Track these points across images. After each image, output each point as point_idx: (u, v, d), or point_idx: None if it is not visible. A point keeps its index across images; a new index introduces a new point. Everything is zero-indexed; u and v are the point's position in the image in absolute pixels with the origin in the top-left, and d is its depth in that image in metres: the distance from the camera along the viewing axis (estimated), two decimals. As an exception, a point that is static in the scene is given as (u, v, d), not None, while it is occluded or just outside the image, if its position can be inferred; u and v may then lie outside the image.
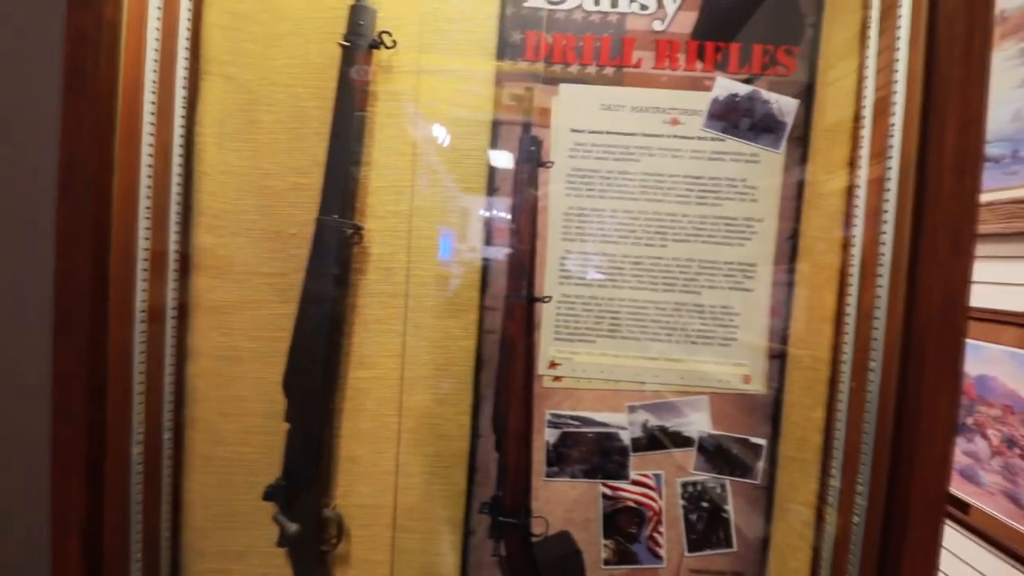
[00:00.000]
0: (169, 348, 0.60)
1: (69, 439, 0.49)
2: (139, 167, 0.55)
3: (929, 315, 0.46)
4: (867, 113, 0.56)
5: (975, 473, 1.22)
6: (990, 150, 1.28)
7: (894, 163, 0.52)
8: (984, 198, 1.30)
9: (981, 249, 1.33)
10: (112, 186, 0.52)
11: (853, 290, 0.56)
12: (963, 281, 0.46)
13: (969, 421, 1.30)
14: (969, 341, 1.35)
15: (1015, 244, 1.20)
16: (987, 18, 0.45)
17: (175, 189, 0.59)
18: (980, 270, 1.30)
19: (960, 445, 1.28)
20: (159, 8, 0.55)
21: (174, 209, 0.59)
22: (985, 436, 1.22)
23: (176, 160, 0.59)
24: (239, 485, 0.62)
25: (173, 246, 0.59)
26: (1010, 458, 1.14)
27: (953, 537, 1.19)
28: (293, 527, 0.57)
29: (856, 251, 0.56)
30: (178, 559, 0.63)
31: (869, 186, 0.55)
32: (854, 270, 0.56)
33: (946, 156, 0.45)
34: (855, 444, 0.56)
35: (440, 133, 0.59)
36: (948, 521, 1.21)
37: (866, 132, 0.56)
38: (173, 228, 0.59)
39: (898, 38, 0.52)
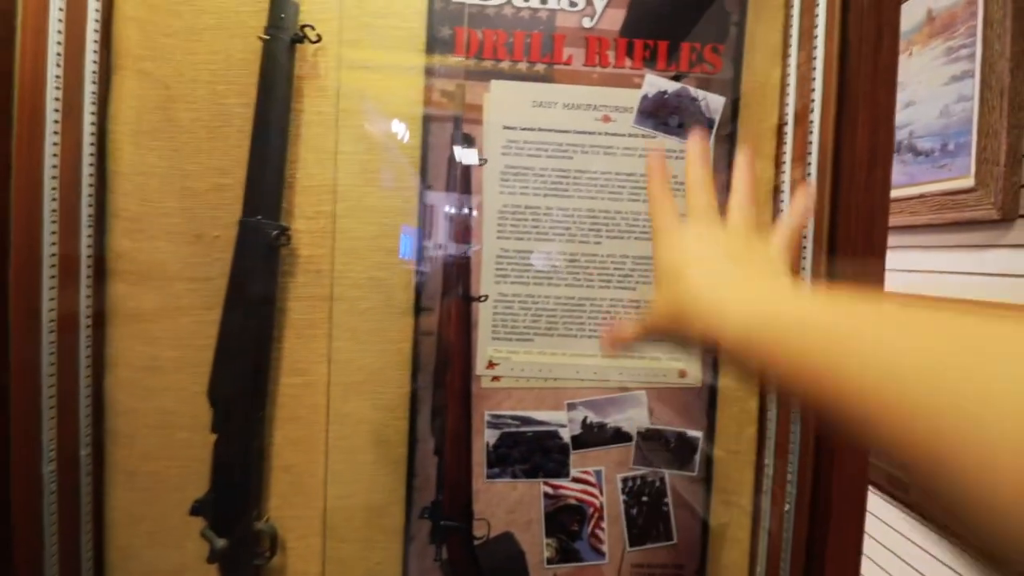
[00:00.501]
0: (84, 359, 0.56)
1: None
2: (42, 167, 0.51)
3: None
4: (790, 111, 0.57)
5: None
6: (921, 144, 1.35)
7: (813, 159, 0.53)
8: (915, 191, 1.36)
9: (913, 239, 1.39)
10: (9, 187, 0.48)
11: (781, 283, 0.57)
12: (878, 277, 0.47)
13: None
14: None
15: (945, 234, 1.26)
16: (894, 16, 0.47)
17: (86, 190, 0.56)
18: (912, 259, 1.36)
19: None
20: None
21: (85, 211, 0.56)
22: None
23: (87, 160, 0.56)
24: (167, 501, 0.60)
25: (85, 250, 0.56)
26: None
27: (893, 514, 1.24)
28: (221, 542, 0.55)
29: (783, 245, 0.57)
30: (102, 580, 0.60)
31: (792, 183, 0.56)
32: (781, 264, 0.57)
33: (858, 151, 0.47)
34: (785, 433, 0.57)
35: (369, 130, 0.58)
36: (889, 499, 1.26)
37: (789, 129, 0.57)
38: (85, 231, 0.56)
39: (815, 36, 0.53)
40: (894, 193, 1.41)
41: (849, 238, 0.47)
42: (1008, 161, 1.09)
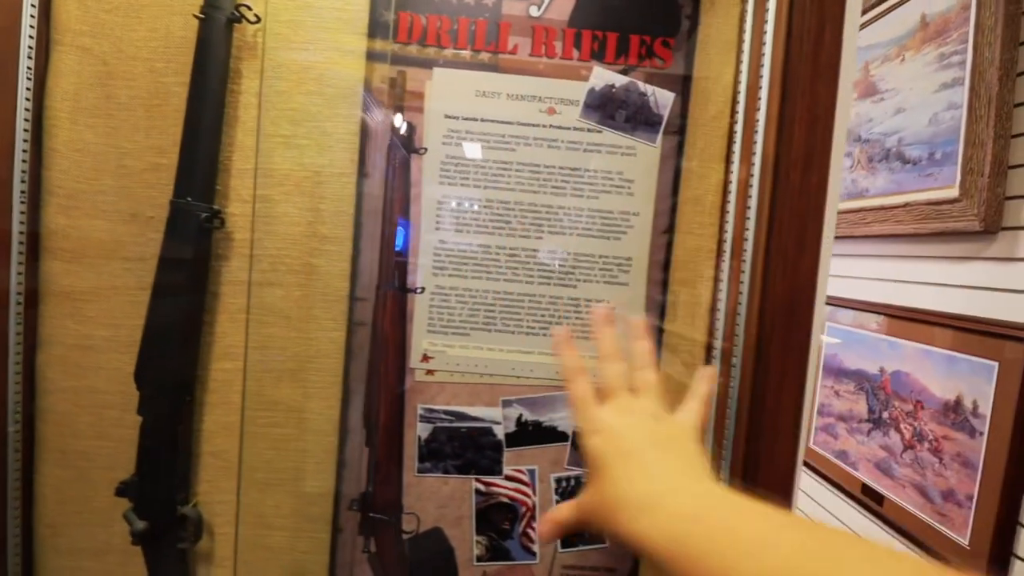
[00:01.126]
0: (14, 336, 0.56)
1: None
2: (-31, 141, 0.51)
3: (775, 309, 0.46)
4: (740, 108, 0.55)
5: (889, 466, 1.26)
6: (909, 152, 1.32)
7: (757, 159, 0.52)
8: (901, 199, 1.34)
9: (897, 248, 1.37)
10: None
11: (724, 285, 0.56)
12: (810, 279, 0.46)
13: (885, 416, 1.34)
14: (886, 338, 1.39)
15: (928, 244, 1.24)
16: (838, 11, 0.45)
17: (19, 166, 0.55)
18: (897, 269, 1.34)
19: (876, 439, 1.32)
20: (-5, -30, 0.51)
21: (18, 188, 0.55)
22: (899, 430, 1.26)
23: (20, 135, 0.55)
24: (97, 480, 0.59)
25: (18, 227, 0.55)
26: (920, 452, 1.18)
27: (869, 528, 1.23)
28: (141, 524, 0.54)
29: (728, 247, 0.56)
30: (30, 556, 0.59)
31: (739, 183, 0.55)
32: (725, 265, 0.56)
33: (794, 152, 0.45)
34: (720, 435, 0.56)
35: (308, 115, 0.57)
36: (864, 512, 1.25)
37: (739, 128, 0.55)
38: (18, 208, 0.55)
39: (765, 32, 0.52)
40: (881, 201, 1.39)
41: (782, 241, 0.46)
42: (992, 172, 1.07)
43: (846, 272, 1.52)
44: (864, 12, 1.48)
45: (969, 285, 1.13)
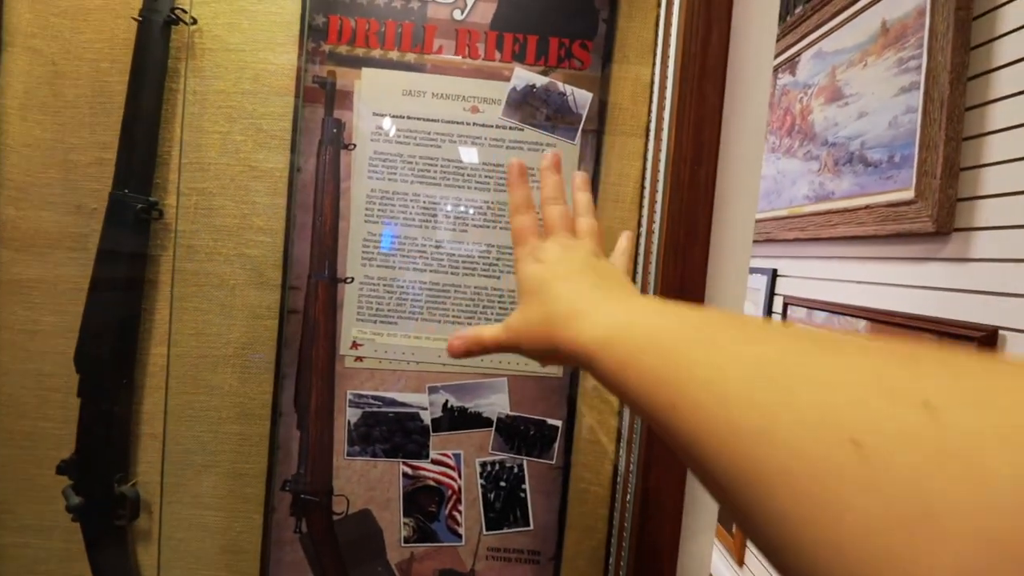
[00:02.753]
0: (-38, 321, 0.59)
1: None
2: (-84, 135, 0.54)
3: (667, 299, 0.48)
4: (654, 108, 0.58)
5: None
6: (870, 155, 1.34)
7: (663, 155, 0.54)
8: (862, 201, 1.36)
9: (857, 250, 1.39)
10: None
11: (639, 279, 0.59)
12: (700, 268, 0.48)
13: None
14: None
15: (886, 246, 1.26)
16: (725, 13, 0.47)
17: (-31, 160, 0.58)
18: (855, 270, 1.35)
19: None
20: (-56, -25, 0.55)
21: (-32, 180, 0.58)
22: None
23: (-29, 131, 0.58)
24: (41, 459, 0.62)
25: (-33, 218, 0.58)
26: None
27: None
28: (75, 500, 0.57)
29: (642, 242, 0.59)
30: (-23, 535, 0.62)
31: (651, 179, 0.57)
32: (640, 258, 0.59)
33: (683, 148, 0.48)
34: (632, 425, 0.58)
35: (244, 112, 0.60)
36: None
37: (652, 127, 0.58)
38: (-33, 199, 0.58)
39: (670, 35, 0.54)
40: (845, 203, 1.41)
41: (672, 231, 0.48)
42: (944, 174, 1.09)
43: (815, 274, 1.54)
44: (831, 18, 1.51)
45: (924, 285, 1.15)
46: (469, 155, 0.60)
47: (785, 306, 1.60)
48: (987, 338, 0.96)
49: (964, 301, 1.05)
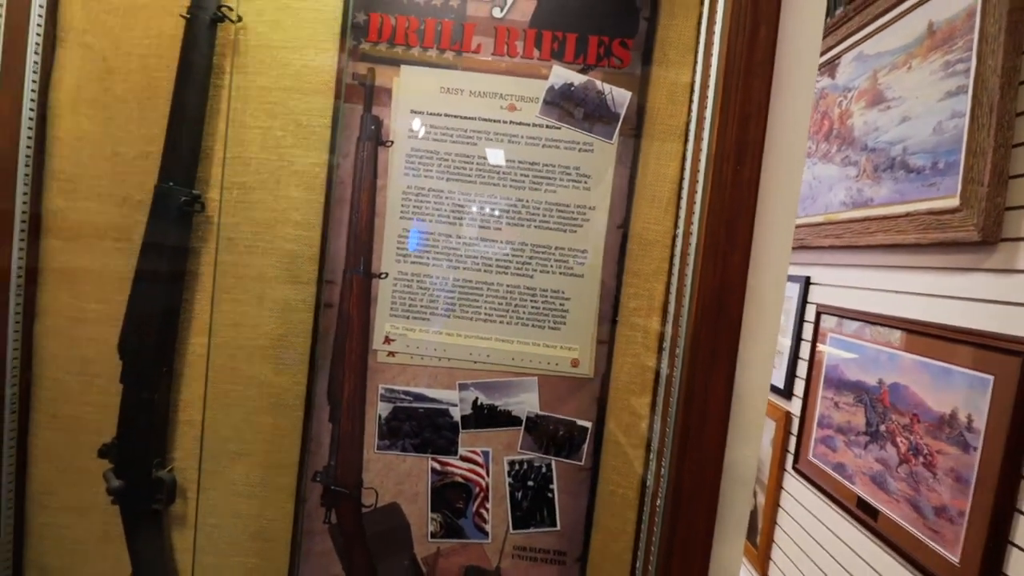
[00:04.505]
0: (13, 308, 0.61)
1: None
2: (-23, 127, 0.56)
3: (705, 303, 0.47)
4: (695, 108, 0.57)
5: (884, 480, 1.24)
6: (913, 161, 1.30)
7: (703, 155, 0.53)
8: (904, 209, 1.32)
9: (899, 259, 1.35)
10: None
11: (675, 280, 0.58)
12: (741, 273, 0.47)
13: (882, 428, 1.32)
14: (886, 350, 1.36)
15: (929, 255, 1.22)
16: (774, 10, 0.46)
17: (23, 152, 0.60)
18: (898, 279, 1.32)
19: (873, 452, 1.30)
20: (8, -27, 0.57)
21: (22, 172, 0.60)
22: (895, 444, 1.24)
23: (26, 124, 0.60)
24: (84, 443, 0.64)
25: (20, 207, 0.61)
26: (915, 466, 1.16)
27: (863, 543, 1.20)
28: (116, 483, 0.59)
29: (679, 242, 0.58)
30: (22, 511, 0.64)
31: (690, 179, 0.56)
32: (676, 260, 0.58)
33: (727, 146, 0.47)
34: (664, 429, 0.57)
35: (284, 108, 0.61)
36: (858, 526, 1.23)
37: (692, 127, 0.57)
38: (21, 191, 0.61)
39: (714, 34, 0.53)
40: (884, 210, 1.37)
41: (713, 233, 0.47)
42: (992, 181, 1.04)
43: (850, 282, 1.49)
44: (873, 20, 1.46)
45: (967, 297, 1.11)
46: (506, 153, 0.60)
47: (818, 315, 1.56)
48: (1034, 352, 0.92)
49: (1008, 313, 1.01)
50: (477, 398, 0.62)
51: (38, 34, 0.60)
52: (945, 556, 1.02)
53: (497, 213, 0.61)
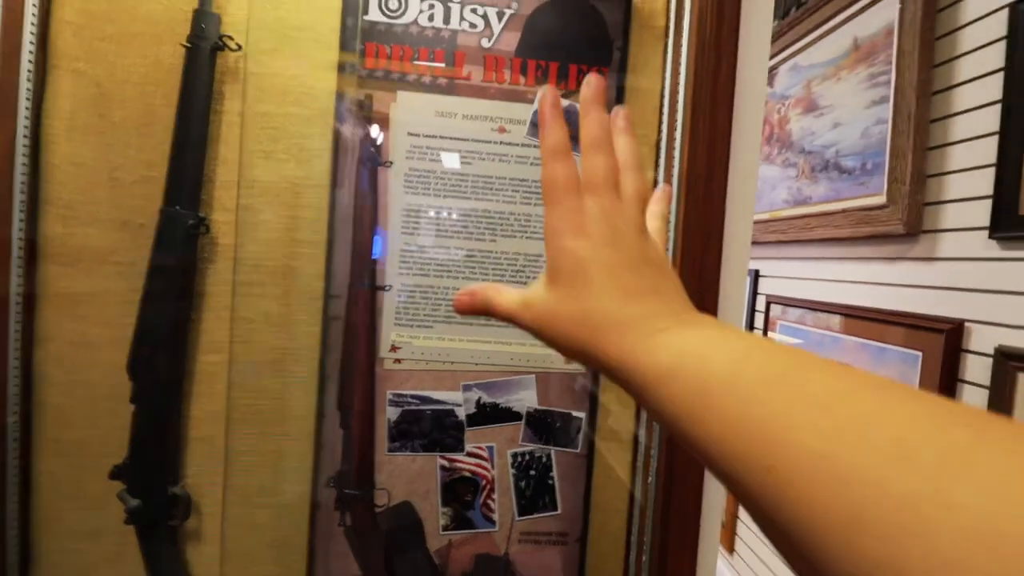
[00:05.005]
0: (13, 335, 0.61)
1: None
2: (-25, 157, 0.56)
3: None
4: (664, 127, 0.64)
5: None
6: (844, 162, 1.44)
7: (675, 172, 0.60)
8: (839, 206, 1.45)
9: (837, 251, 1.48)
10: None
11: (654, 281, 0.65)
12: (715, 271, 0.54)
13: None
14: (829, 333, 1.49)
15: (863, 247, 1.36)
16: (732, 48, 0.54)
17: (19, 179, 0.61)
18: (833, 269, 1.45)
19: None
20: (1, 5, 0.57)
21: (17, 199, 0.61)
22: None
23: (20, 151, 0.61)
24: (89, 466, 0.64)
25: (17, 235, 0.61)
26: None
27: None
28: (134, 502, 0.60)
29: (656, 247, 0.65)
30: (28, 541, 0.64)
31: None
32: (655, 263, 0.65)
33: (698, 165, 0.54)
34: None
35: (287, 132, 0.64)
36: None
37: (663, 144, 0.64)
38: (17, 217, 0.61)
39: (679, 70, 0.61)
40: (822, 207, 1.51)
41: (690, 238, 0.54)
42: (913, 180, 1.18)
43: (795, 274, 1.63)
44: (806, 34, 1.61)
45: (896, 283, 1.24)
46: (497, 171, 0.65)
47: (768, 305, 1.69)
48: (953, 330, 1.05)
49: (932, 297, 1.14)
50: (480, 397, 0.67)
51: (30, 60, 0.60)
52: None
53: (492, 226, 0.66)
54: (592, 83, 0.30)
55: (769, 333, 1.68)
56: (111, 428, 0.64)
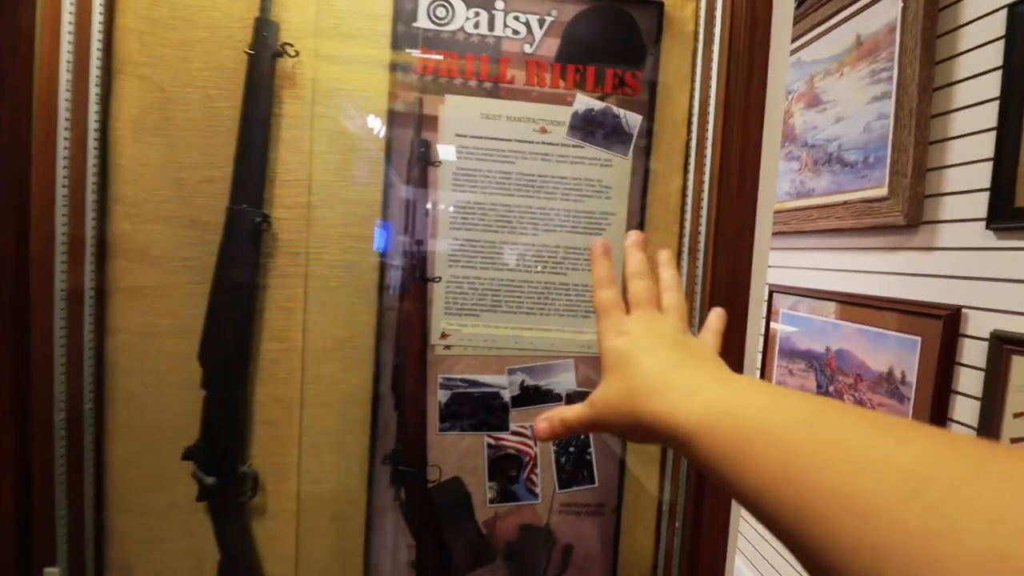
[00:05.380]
0: (88, 326, 0.65)
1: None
2: (56, 160, 0.60)
3: (719, 288, 0.60)
4: (694, 130, 0.69)
5: (835, 432, 1.42)
6: (847, 156, 1.50)
7: (707, 170, 0.65)
8: (841, 198, 1.51)
9: (839, 241, 1.54)
10: (31, 178, 0.57)
11: (685, 271, 0.70)
12: (746, 262, 0.60)
13: (831, 388, 1.51)
14: (831, 321, 1.55)
15: (864, 237, 1.42)
16: (764, 60, 0.59)
17: (91, 179, 0.64)
18: (836, 259, 1.51)
19: (824, 409, 1.48)
20: (72, 15, 0.61)
21: (90, 198, 0.64)
22: (843, 400, 1.42)
23: (92, 152, 0.64)
24: (159, 449, 0.69)
25: (90, 231, 0.65)
26: None
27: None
28: (210, 480, 0.65)
29: (687, 240, 0.70)
30: (102, 518, 0.69)
31: (694, 189, 0.68)
32: (685, 255, 0.70)
33: (732, 165, 0.59)
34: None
35: (341, 134, 0.68)
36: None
37: (693, 145, 0.69)
38: (90, 215, 0.65)
39: (711, 75, 0.65)
40: (824, 200, 1.56)
41: (724, 232, 0.59)
42: (914, 174, 1.24)
43: (797, 264, 1.69)
44: (810, 30, 1.65)
45: (897, 272, 1.30)
46: (538, 169, 0.70)
47: (771, 294, 1.76)
48: (951, 316, 1.11)
49: (931, 285, 1.19)
50: (523, 380, 0.72)
51: (98, 67, 0.64)
52: (888, 490, 1.19)
53: (533, 221, 0.71)
54: (632, 236, 0.40)
55: (772, 323, 1.74)
56: (179, 413, 0.69)
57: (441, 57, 0.68)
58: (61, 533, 0.64)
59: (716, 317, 0.40)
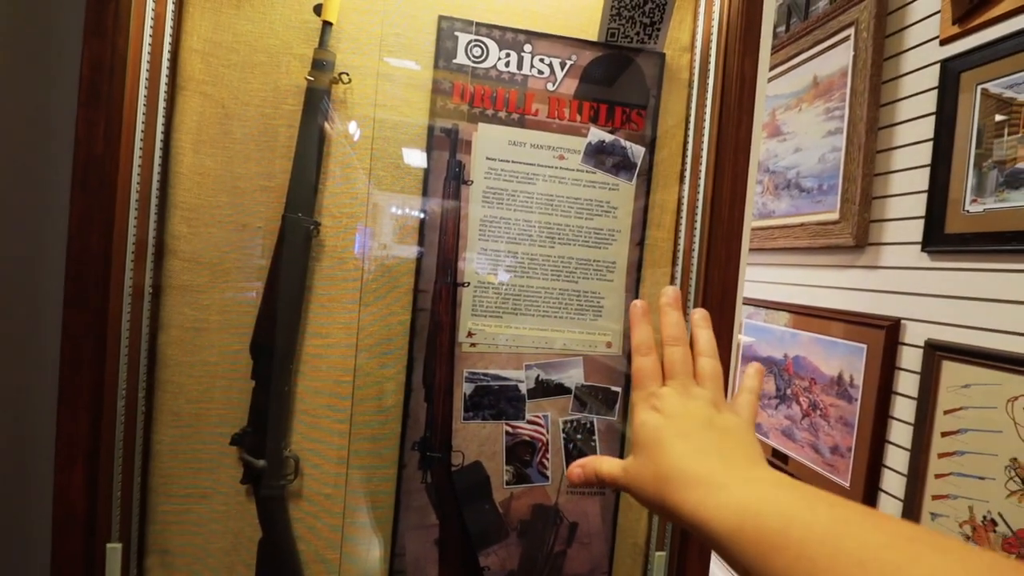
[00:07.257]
0: (145, 321, 0.71)
1: (78, 386, 0.60)
2: (131, 168, 0.66)
3: (712, 299, 0.72)
4: (689, 162, 0.81)
5: (792, 431, 1.56)
6: (804, 183, 1.67)
7: (700, 196, 0.77)
8: (798, 220, 1.67)
9: (795, 259, 1.71)
10: (118, 185, 0.63)
11: (678, 282, 0.81)
12: (735, 276, 0.71)
13: (788, 392, 1.66)
14: (788, 330, 1.71)
15: (818, 255, 1.58)
16: (751, 105, 0.71)
17: (155, 186, 0.70)
18: (793, 275, 1.67)
19: (782, 411, 1.63)
20: (150, 36, 0.67)
21: (153, 204, 0.70)
22: (798, 403, 1.57)
23: (156, 162, 0.70)
24: (204, 436, 0.74)
25: (152, 234, 0.71)
26: (814, 418, 1.48)
27: (777, 482, 1.53)
28: (260, 463, 0.71)
29: (680, 256, 0.82)
30: (146, 500, 0.74)
31: (687, 212, 0.80)
32: (679, 269, 0.81)
33: (723, 195, 0.71)
34: (677, 387, 0.81)
35: (385, 153, 0.76)
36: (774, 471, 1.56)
37: (688, 175, 0.81)
38: (153, 219, 0.70)
39: (704, 118, 0.78)
40: (784, 221, 1.73)
41: (716, 250, 0.71)
42: (861, 201, 1.40)
43: (759, 278, 1.85)
44: (774, 67, 1.83)
45: (846, 287, 1.46)
46: (556, 191, 0.80)
47: (737, 304, 1.90)
48: (892, 327, 1.26)
49: (875, 299, 1.34)
50: (539, 375, 0.82)
51: (166, 83, 0.70)
52: (839, 483, 1.30)
53: (551, 235, 0.81)
54: (669, 293, 0.39)
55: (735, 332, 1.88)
56: (225, 403, 0.75)
57: (475, 90, 0.77)
58: (115, 514, 0.68)
59: (753, 373, 0.40)
